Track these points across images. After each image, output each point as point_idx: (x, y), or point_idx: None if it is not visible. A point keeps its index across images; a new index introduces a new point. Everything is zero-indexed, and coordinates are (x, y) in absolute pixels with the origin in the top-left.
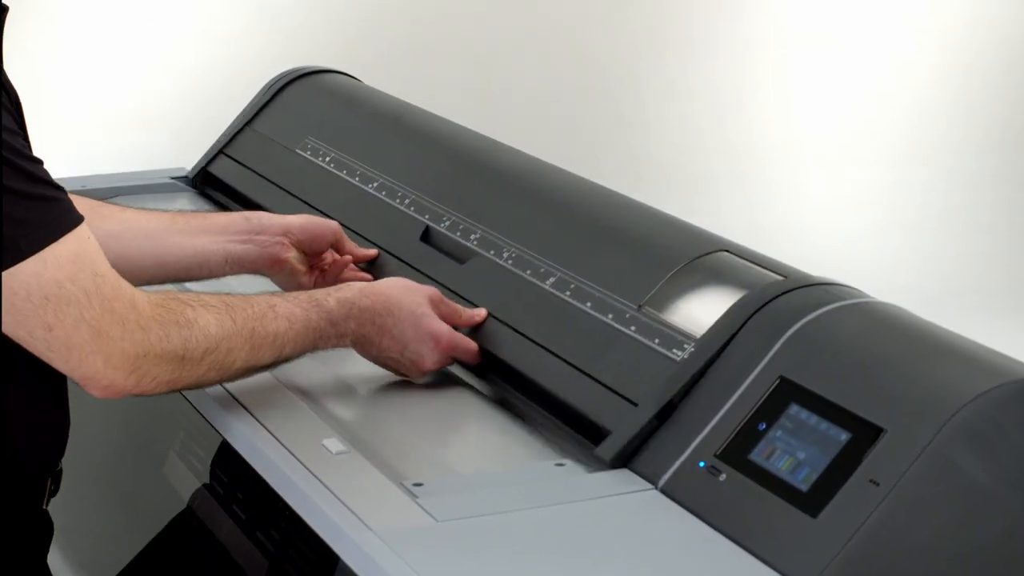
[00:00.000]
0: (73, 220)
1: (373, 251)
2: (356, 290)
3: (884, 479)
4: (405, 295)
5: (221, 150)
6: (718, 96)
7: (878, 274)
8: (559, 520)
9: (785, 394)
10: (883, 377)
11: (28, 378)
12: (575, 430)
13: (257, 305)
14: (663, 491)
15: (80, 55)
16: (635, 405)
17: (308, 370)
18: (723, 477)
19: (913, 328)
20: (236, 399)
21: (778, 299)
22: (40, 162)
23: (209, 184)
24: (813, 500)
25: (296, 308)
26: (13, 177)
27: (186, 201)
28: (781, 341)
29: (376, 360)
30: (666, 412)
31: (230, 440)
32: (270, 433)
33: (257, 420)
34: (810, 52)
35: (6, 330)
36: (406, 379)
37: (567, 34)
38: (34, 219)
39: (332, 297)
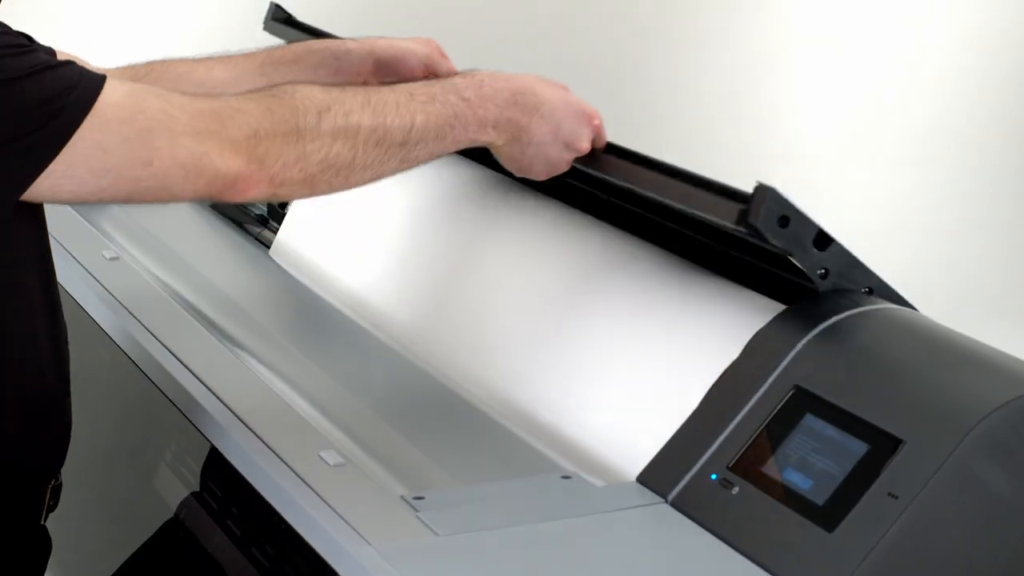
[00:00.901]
0: (99, 76)
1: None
2: (483, 72)
3: (903, 492)
4: (539, 77)
5: None
6: (729, 93)
7: (895, 279)
8: (565, 535)
9: (800, 404)
10: (901, 386)
11: (26, 384)
12: None
13: (366, 88)
14: (673, 504)
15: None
16: None
17: (305, 378)
18: (736, 490)
19: (932, 335)
20: (229, 408)
21: (793, 305)
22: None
23: None
24: (829, 514)
25: (415, 85)
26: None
27: (178, 203)
28: (796, 349)
29: (522, 156)
30: None
31: (223, 451)
32: (265, 444)
33: (251, 430)
34: (824, 48)
35: (115, 195)
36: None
37: (571, 30)
38: (62, 87)
39: (455, 76)
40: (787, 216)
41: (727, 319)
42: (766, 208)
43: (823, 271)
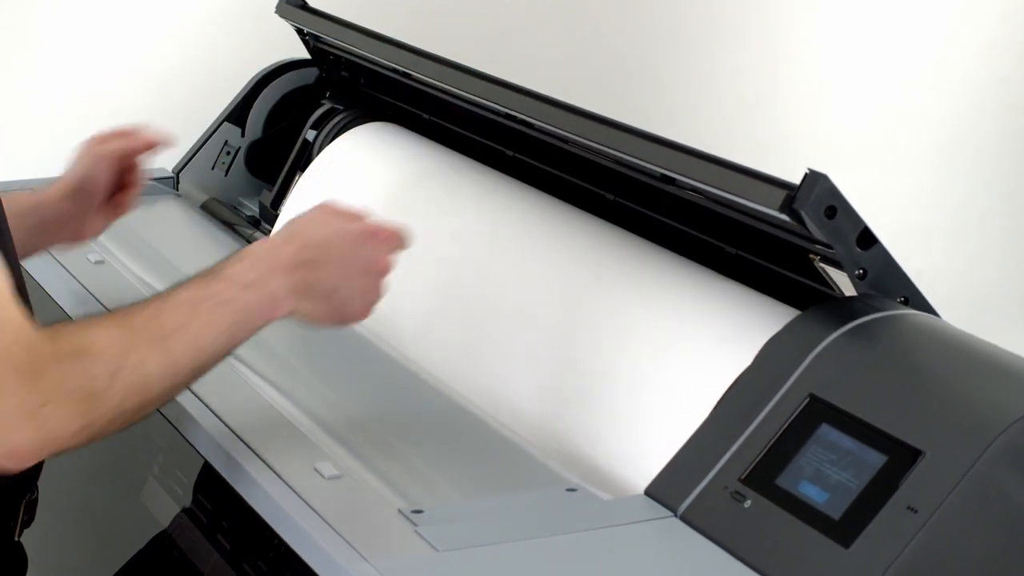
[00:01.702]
0: None
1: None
2: (256, 245)
3: (923, 505)
4: (310, 217)
5: (202, 146)
6: (746, 90)
7: (916, 283)
8: (570, 550)
9: (815, 414)
10: (922, 395)
11: None
12: None
13: (152, 301)
14: (683, 518)
15: (51, 47)
16: None
17: (299, 387)
18: (748, 503)
19: (954, 342)
20: (220, 418)
21: (808, 311)
22: None
23: None
24: (846, 528)
25: (195, 290)
26: None
27: (169, 204)
28: (811, 356)
29: (331, 308)
30: None
31: (213, 463)
32: (257, 456)
33: (243, 442)
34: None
35: None
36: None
37: (584, 25)
38: None
39: (231, 260)
40: (835, 207)
41: (739, 324)
42: (816, 195)
43: (861, 271)
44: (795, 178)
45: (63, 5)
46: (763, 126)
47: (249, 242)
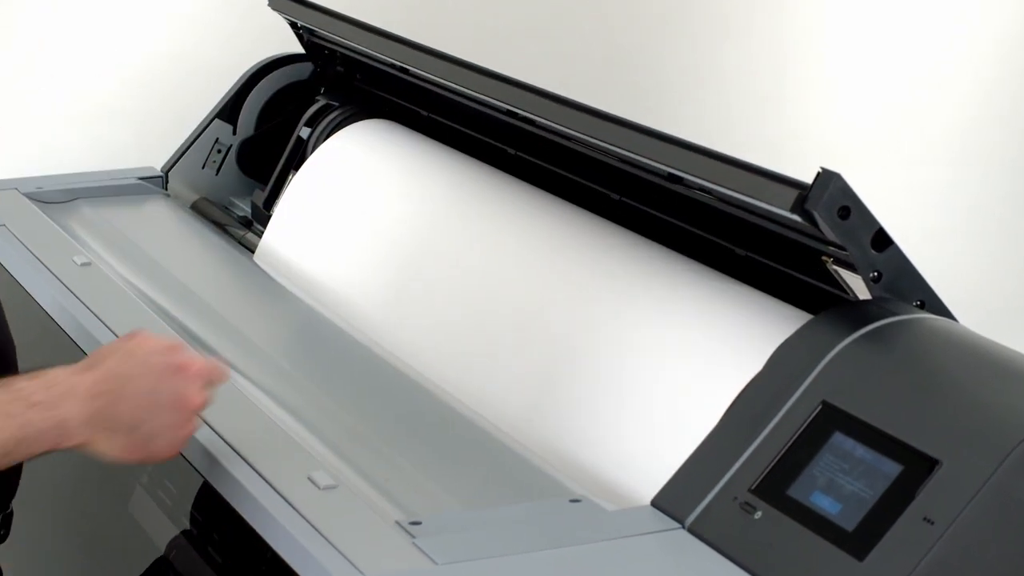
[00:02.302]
0: None
1: None
2: (56, 370)
3: (939, 517)
4: (114, 347)
5: (192, 144)
6: (755, 87)
7: (933, 286)
8: (574, 563)
9: (828, 421)
10: (938, 402)
11: None
12: None
13: None
14: (691, 530)
15: (35, 40)
16: None
17: (292, 393)
18: (758, 515)
19: (971, 347)
20: (211, 427)
21: (821, 315)
22: None
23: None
24: (860, 541)
25: None
26: None
27: (157, 204)
28: (824, 362)
29: (134, 444)
30: None
31: (204, 473)
32: (249, 465)
33: (234, 450)
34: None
35: None
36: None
37: (588, 20)
38: None
39: (26, 376)
40: (849, 207)
41: (750, 329)
42: (829, 195)
43: (876, 274)
44: (807, 177)
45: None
46: (773, 124)
47: (241, 243)
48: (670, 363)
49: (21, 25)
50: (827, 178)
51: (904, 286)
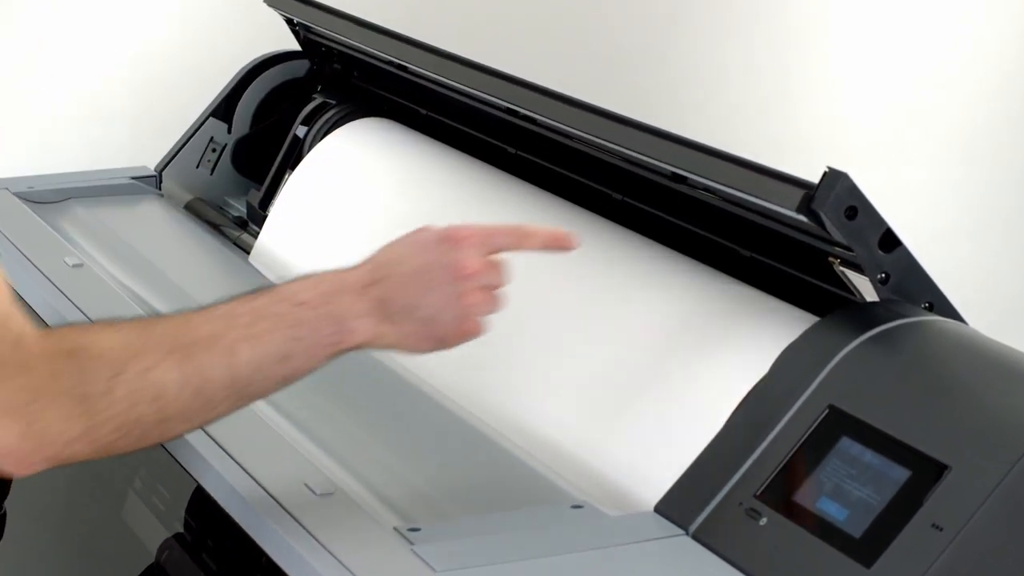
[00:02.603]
0: None
1: None
2: (319, 273)
3: (948, 523)
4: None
5: (186, 143)
6: (760, 85)
7: (941, 288)
8: (576, 570)
9: (835, 426)
10: (947, 407)
11: None
12: None
13: (182, 313)
14: (695, 537)
15: (27, 38)
16: None
17: (288, 398)
18: (764, 521)
19: (981, 350)
20: (205, 431)
21: (827, 317)
22: None
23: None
24: (867, 547)
25: (236, 304)
26: None
27: (151, 204)
28: (830, 365)
29: (419, 327)
30: None
31: (198, 478)
32: (244, 471)
33: (229, 455)
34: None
35: None
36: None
37: (590, 17)
38: None
39: (287, 282)
40: (856, 207)
41: (755, 332)
42: (835, 195)
43: (884, 275)
44: (812, 177)
45: None
46: (778, 123)
47: (236, 244)
48: (673, 366)
49: (17, 24)
50: (834, 177)
51: (912, 288)
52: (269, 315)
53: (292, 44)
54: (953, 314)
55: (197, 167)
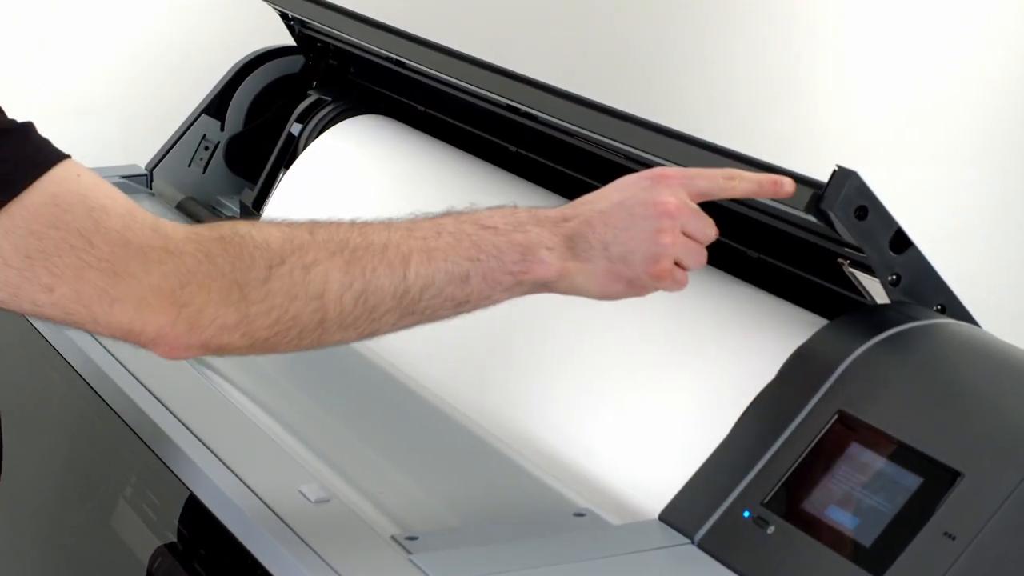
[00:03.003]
0: (47, 157)
1: None
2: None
3: (961, 532)
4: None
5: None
6: (766, 81)
7: (954, 289)
8: None
9: (845, 432)
10: (960, 412)
11: None
12: None
13: (354, 221)
14: (700, 546)
15: (10, 27)
16: None
17: (282, 402)
18: (771, 529)
19: (995, 354)
20: (196, 435)
21: (837, 320)
22: None
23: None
24: (878, 556)
25: (417, 220)
26: None
27: (141, 203)
28: (840, 369)
29: (609, 265)
30: None
31: (189, 485)
32: (237, 477)
33: (221, 461)
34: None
35: (18, 309)
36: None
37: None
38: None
39: (471, 211)
40: (866, 207)
41: (762, 335)
42: (845, 194)
43: (895, 277)
44: (821, 175)
45: None
46: (786, 119)
47: None
48: (679, 370)
49: (7, 17)
50: (843, 176)
51: (924, 289)
52: (451, 232)
53: (287, 39)
54: (966, 317)
55: (189, 165)
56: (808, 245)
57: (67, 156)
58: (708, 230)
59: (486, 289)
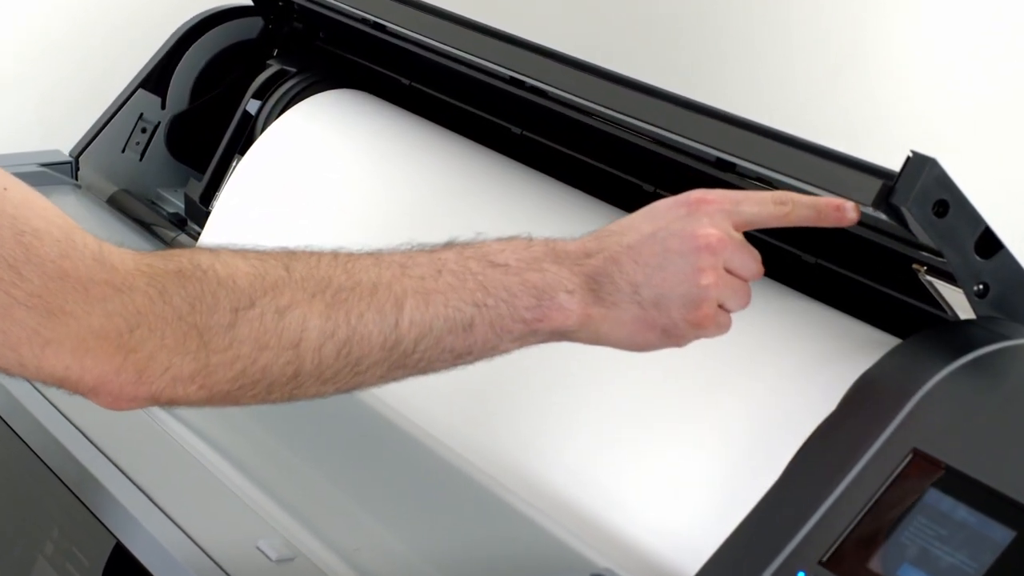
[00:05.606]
0: None
1: None
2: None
3: None
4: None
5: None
6: (826, 51)
7: None
8: None
9: (921, 475)
10: None
11: None
12: None
13: (338, 252)
14: None
15: None
16: None
17: (238, 441)
18: None
19: None
20: (133, 482)
21: (911, 338)
22: None
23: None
24: None
25: (412, 254)
26: None
27: (66, 197)
28: (915, 399)
29: (639, 312)
30: None
31: (126, 542)
32: (183, 532)
33: (161, 510)
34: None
35: None
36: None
37: None
38: None
39: (479, 242)
40: (947, 202)
41: (820, 357)
42: (922, 186)
43: (981, 286)
44: (893, 164)
45: None
46: (850, 98)
47: (171, 247)
48: (718, 401)
49: None
50: (919, 164)
51: (1017, 302)
52: (453, 270)
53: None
54: None
55: (123, 151)
56: (876, 248)
57: None
58: (754, 265)
59: (493, 339)
